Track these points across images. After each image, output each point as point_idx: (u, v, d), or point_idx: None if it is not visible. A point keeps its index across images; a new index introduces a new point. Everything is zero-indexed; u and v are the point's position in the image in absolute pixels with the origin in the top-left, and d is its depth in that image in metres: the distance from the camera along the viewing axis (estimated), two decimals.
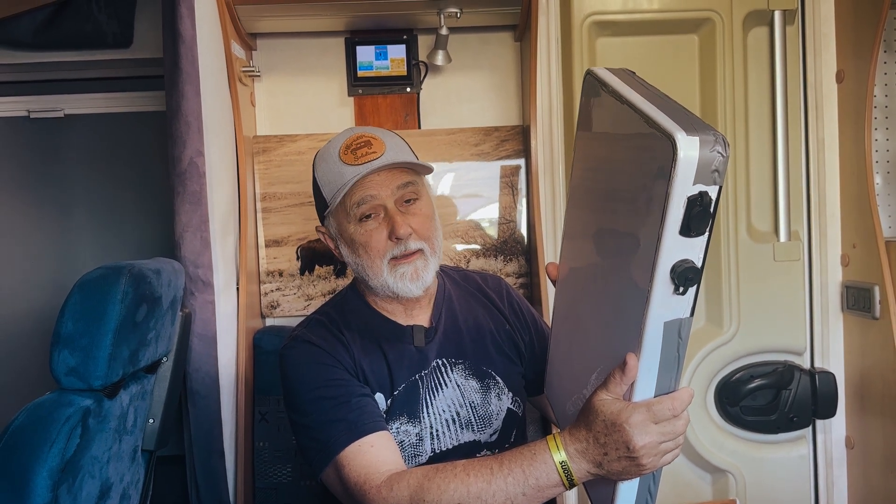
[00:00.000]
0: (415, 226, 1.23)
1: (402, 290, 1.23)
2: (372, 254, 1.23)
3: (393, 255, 1.22)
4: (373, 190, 1.22)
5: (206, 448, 1.77)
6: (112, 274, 1.30)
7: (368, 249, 1.23)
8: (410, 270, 1.22)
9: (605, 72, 0.92)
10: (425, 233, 1.25)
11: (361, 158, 1.21)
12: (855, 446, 1.90)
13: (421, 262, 1.23)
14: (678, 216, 0.73)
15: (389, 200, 1.22)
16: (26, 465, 1.15)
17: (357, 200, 1.22)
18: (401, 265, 1.22)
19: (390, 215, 1.22)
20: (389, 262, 1.23)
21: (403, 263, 1.22)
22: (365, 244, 1.23)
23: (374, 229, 1.23)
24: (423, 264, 1.24)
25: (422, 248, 1.24)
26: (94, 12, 2.06)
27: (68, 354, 1.25)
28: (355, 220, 1.23)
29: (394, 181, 1.23)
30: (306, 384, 1.20)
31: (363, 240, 1.23)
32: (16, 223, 2.45)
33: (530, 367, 1.42)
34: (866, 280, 1.82)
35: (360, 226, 1.23)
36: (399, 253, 1.22)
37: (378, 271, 1.23)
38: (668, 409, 0.86)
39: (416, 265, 1.23)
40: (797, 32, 1.92)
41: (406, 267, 1.22)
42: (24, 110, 2.37)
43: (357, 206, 1.22)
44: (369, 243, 1.23)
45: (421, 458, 1.26)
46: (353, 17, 1.96)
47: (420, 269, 1.23)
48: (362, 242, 1.23)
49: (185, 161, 1.70)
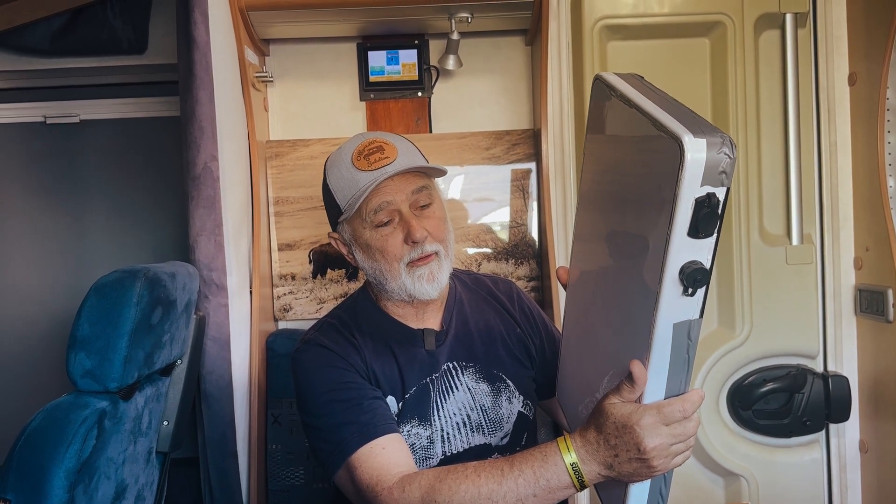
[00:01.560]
0: (430, 229, 1.24)
1: (420, 292, 1.24)
2: (389, 258, 1.24)
3: (410, 258, 1.23)
4: (388, 196, 1.22)
5: (219, 450, 1.78)
6: (128, 277, 1.31)
7: (385, 254, 1.24)
8: (427, 272, 1.24)
9: (614, 76, 0.93)
10: (440, 235, 1.26)
11: (375, 164, 1.22)
12: (869, 450, 1.89)
13: (436, 265, 1.25)
14: (686, 218, 0.74)
15: (404, 205, 1.23)
16: (43, 466, 1.17)
17: (374, 207, 1.23)
18: (418, 267, 1.24)
19: (406, 219, 1.23)
20: (407, 265, 1.24)
21: (420, 265, 1.24)
22: (382, 249, 1.24)
23: (390, 234, 1.24)
24: (438, 266, 1.25)
25: (437, 250, 1.25)
26: (110, 19, 2.09)
27: (84, 357, 1.26)
28: (371, 226, 1.24)
29: (408, 186, 1.24)
30: (318, 387, 1.22)
31: (380, 245, 1.24)
32: (32, 227, 2.47)
33: (541, 370, 1.42)
34: (880, 283, 1.81)
35: (376, 231, 1.24)
36: (416, 256, 1.23)
37: (396, 274, 1.24)
38: (679, 411, 0.87)
39: (431, 267, 1.24)
40: (809, 35, 1.92)
41: (423, 269, 1.24)
42: (40, 116, 2.40)
43: (374, 213, 1.23)
44: (386, 248, 1.24)
45: (432, 461, 1.27)
46: (364, 23, 1.98)
47: (436, 271, 1.25)
48: (379, 247, 1.24)
49: (200, 166, 1.71)
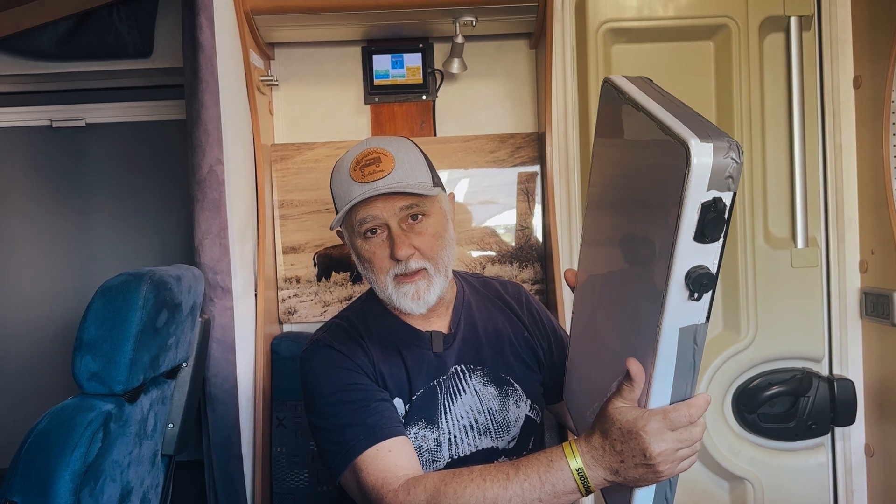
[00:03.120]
0: (418, 245, 1.22)
1: (404, 307, 1.24)
2: (376, 269, 1.24)
3: (396, 273, 1.23)
4: (375, 210, 1.21)
5: (224, 453, 1.78)
6: (133, 280, 1.32)
7: (373, 265, 1.24)
8: (412, 291, 1.23)
9: (623, 79, 0.93)
10: (429, 252, 1.24)
11: (368, 177, 1.21)
12: (875, 454, 1.88)
13: (423, 283, 1.23)
14: (692, 222, 0.74)
15: (393, 220, 1.22)
16: (49, 469, 1.17)
17: (360, 219, 1.22)
18: (404, 284, 1.23)
19: (392, 235, 1.22)
20: (394, 279, 1.23)
21: (406, 283, 1.23)
22: (370, 260, 1.25)
23: (377, 246, 1.23)
24: (425, 285, 1.23)
25: (425, 267, 1.23)
26: (116, 23, 2.10)
27: (90, 360, 1.27)
28: (360, 236, 1.24)
29: (398, 202, 1.22)
30: (326, 388, 1.22)
31: (367, 255, 1.25)
32: (38, 230, 2.48)
33: (549, 374, 1.42)
34: (885, 286, 1.80)
35: (365, 241, 1.24)
36: (401, 272, 1.22)
37: (383, 286, 1.25)
38: (685, 416, 0.86)
39: (417, 286, 1.23)
40: (814, 38, 1.92)
41: (408, 287, 1.23)
42: (46, 119, 2.41)
43: (360, 224, 1.23)
44: (373, 260, 1.24)
45: (438, 464, 1.27)
46: (369, 26, 1.98)
47: (422, 290, 1.23)
48: (367, 258, 1.25)
49: (205, 169, 1.72)
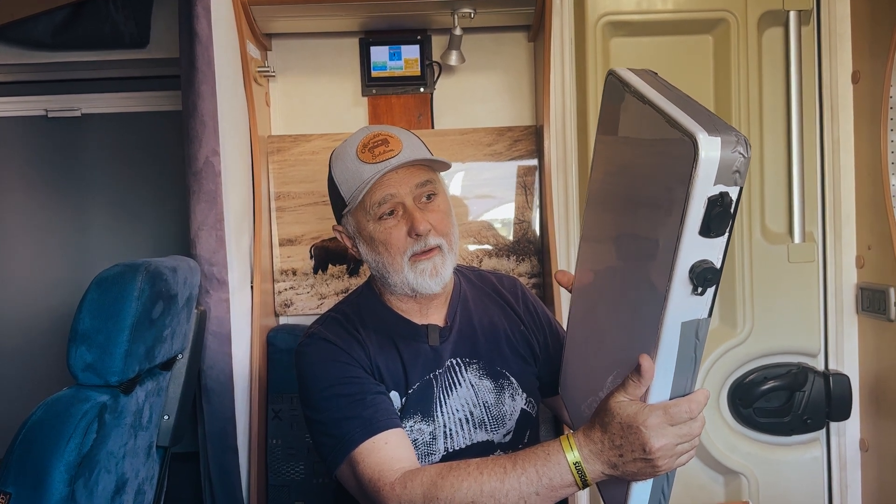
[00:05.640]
0: (433, 222, 1.23)
1: (422, 286, 1.24)
2: (392, 251, 1.23)
3: (413, 251, 1.23)
4: (392, 188, 1.22)
5: (220, 445, 1.78)
6: (129, 271, 1.31)
7: (388, 247, 1.23)
8: (430, 267, 1.23)
9: (628, 72, 0.91)
10: (443, 229, 1.25)
11: (379, 157, 1.22)
12: (869, 449, 1.89)
13: (439, 259, 1.24)
14: (698, 216, 0.73)
15: (408, 198, 1.23)
16: (44, 460, 1.16)
17: (378, 200, 1.22)
18: (420, 262, 1.23)
19: (409, 212, 1.22)
20: (410, 258, 1.23)
21: (423, 260, 1.23)
22: (385, 241, 1.24)
23: (393, 226, 1.23)
24: (441, 261, 1.24)
25: (440, 244, 1.24)
26: (112, 13, 2.08)
27: (85, 350, 1.26)
28: (375, 219, 1.24)
29: (412, 179, 1.23)
30: (322, 381, 1.21)
31: (383, 237, 1.24)
32: (33, 221, 2.47)
33: (545, 368, 1.42)
34: (881, 282, 1.81)
35: (379, 223, 1.24)
36: (419, 249, 1.22)
37: (398, 268, 1.24)
38: (685, 412, 0.86)
39: (434, 262, 1.24)
40: (812, 33, 1.91)
41: (426, 263, 1.23)
42: (41, 110, 2.39)
43: (378, 206, 1.22)
44: (389, 240, 1.23)
45: (434, 457, 1.26)
46: (367, 18, 1.97)
47: (439, 266, 1.24)
48: (382, 240, 1.24)
49: (201, 160, 1.71)
